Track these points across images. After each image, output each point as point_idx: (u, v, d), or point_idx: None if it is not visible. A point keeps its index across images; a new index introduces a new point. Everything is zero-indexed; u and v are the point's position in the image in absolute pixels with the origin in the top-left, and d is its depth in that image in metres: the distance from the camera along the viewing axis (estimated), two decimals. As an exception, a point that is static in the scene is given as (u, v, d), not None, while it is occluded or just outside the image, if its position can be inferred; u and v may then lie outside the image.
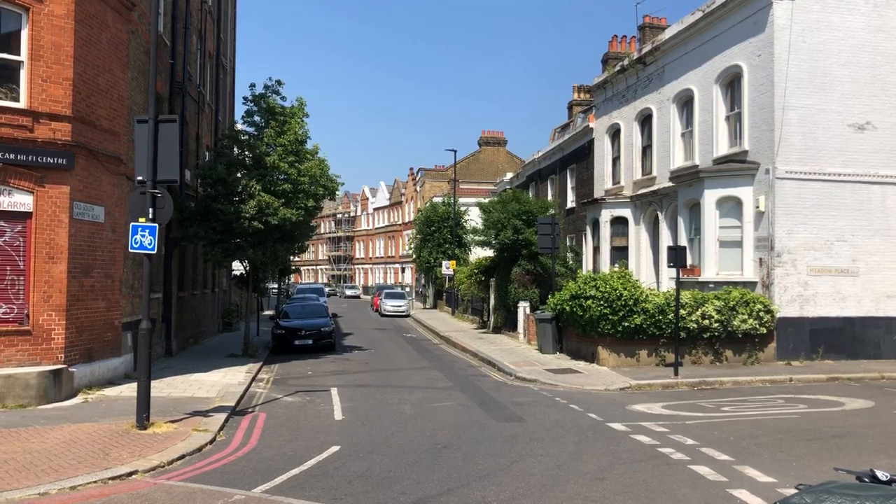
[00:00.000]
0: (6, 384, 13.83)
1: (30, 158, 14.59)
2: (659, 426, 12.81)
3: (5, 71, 14.70)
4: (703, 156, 23.55)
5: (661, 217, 26.23)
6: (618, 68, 29.55)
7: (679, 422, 13.24)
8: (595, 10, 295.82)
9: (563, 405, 15.09)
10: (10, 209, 14.54)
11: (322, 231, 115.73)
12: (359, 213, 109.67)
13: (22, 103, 14.68)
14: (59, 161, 14.95)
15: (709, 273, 21.76)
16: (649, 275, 27.03)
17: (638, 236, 27.98)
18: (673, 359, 18.85)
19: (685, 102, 25.11)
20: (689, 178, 22.99)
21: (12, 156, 14.39)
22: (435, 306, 52.46)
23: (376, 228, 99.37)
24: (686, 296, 19.79)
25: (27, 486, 8.79)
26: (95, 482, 9.16)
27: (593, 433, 12.41)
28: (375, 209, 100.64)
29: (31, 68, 14.72)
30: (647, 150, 27.83)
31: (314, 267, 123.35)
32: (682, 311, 19.29)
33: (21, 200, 14.65)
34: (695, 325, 19.73)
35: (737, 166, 21.54)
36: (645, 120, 27.89)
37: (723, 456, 10.62)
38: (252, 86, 24.48)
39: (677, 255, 18.46)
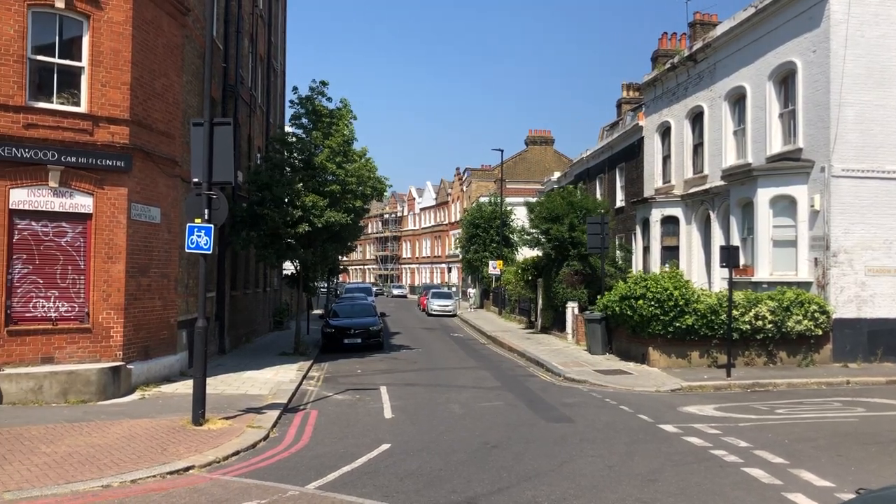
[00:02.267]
0: (68, 380, 14.27)
1: (90, 161, 15.04)
2: (711, 428, 12.64)
3: (67, 77, 15.17)
4: (755, 154, 23.14)
5: (712, 216, 25.84)
6: (668, 66, 29.20)
7: (732, 424, 13.05)
8: (644, 7, 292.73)
9: (613, 406, 14.99)
10: (71, 211, 15.00)
11: (369, 231, 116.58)
12: (405, 213, 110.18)
13: (83, 108, 15.14)
14: (118, 163, 15.37)
15: (762, 273, 21.37)
16: (701, 275, 26.65)
17: (689, 236, 27.61)
18: (725, 360, 18.58)
19: (737, 100, 24.70)
20: (742, 177, 22.61)
21: (73, 159, 14.85)
22: (481, 306, 52.47)
23: (423, 228, 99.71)
24: (739, 296, 19.48)
25: (91, 479, 9.08)
26: (154, 476, 9.42)
27: (644, 434, 12.31)
28: (422, 209, 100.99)
29: (91, 74, 15.17)
30: (698, 148, 27.45)
31: (361, 266, 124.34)
32: (734, 312, 19.00)
33: (82, 202, 15.10)
34: (748, 326, 19.40)
35: (791, 164, 21.11)
36: (696, 118, 27.50)
37: (777, 459, 10.44)
38: (295, 89, 24.84)
39: (730, 255, 18.19)
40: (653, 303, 19.54)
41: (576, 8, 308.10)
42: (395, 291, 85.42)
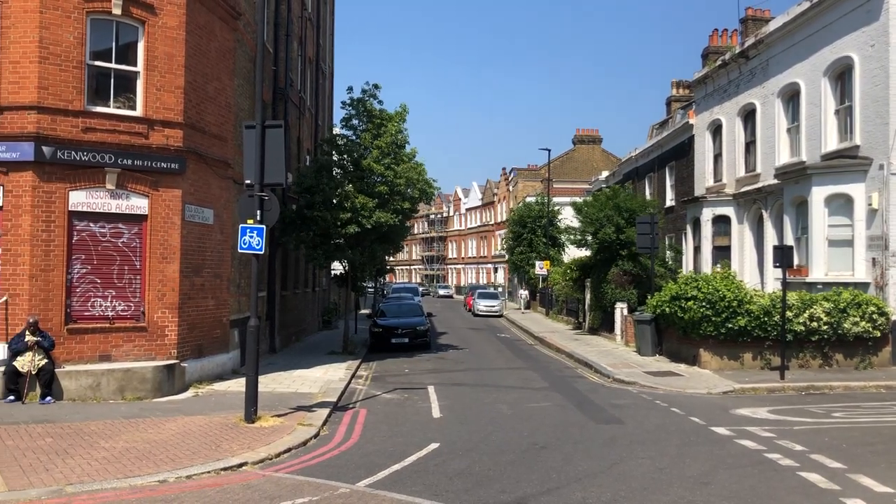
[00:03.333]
0: (125, 377, 14.64)
1: (145, 164, 15.41)
2: (765, 431, 12.41)
3: (123, 81, 15.56)
4: (810, 152, 22.63)
5: (765, 215, 25.35)
6: (719, 63, 28.73)
7: (786, 427, 12.79)
8: (695, 3, 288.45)
9: (664, 408, 14.81)
10: (127, 212, 15.39)
11: (415, 231, 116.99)
12: (451, 213, 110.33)
13: (138, 111, 15.52)
14: (172, 166, 15.71)
15: (817, 273, 20.89)
16: (753, 275, 26.15)
17: (741, 235, 27.13)
18: (779, 362, 18.21)
19: (791, 96, 24.19)
20: (796, 175, 22.14)
21: (129, 161, 15.24)
22: (528, 306, 52.24)
23: (468, 228, 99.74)
24: (793, 297, 19.07)
25: (148, 474, 9.31)
26: (209, 472, 9.62)
27: (696, 437, 12.15)
28: (468, 209, 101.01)
29: (146, 78, 15.54)
30: (750, 146, 26.95)
31: (408, 267, 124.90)
32: (788, 313, 18.61)
33: (137, 204, 15.48)
34: (802, 328, 18.97)
35: (847, 162, 20.59)
36: (748, 115, 27.01)
37: (835, 463, 10.19)
38: (349, 90, 25.07)
39: (783, 255, 17.83)
40: (704, 304, 19.25)
41: (623, 4, 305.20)
42: (441, 292, 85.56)
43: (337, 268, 29.98)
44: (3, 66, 14.50)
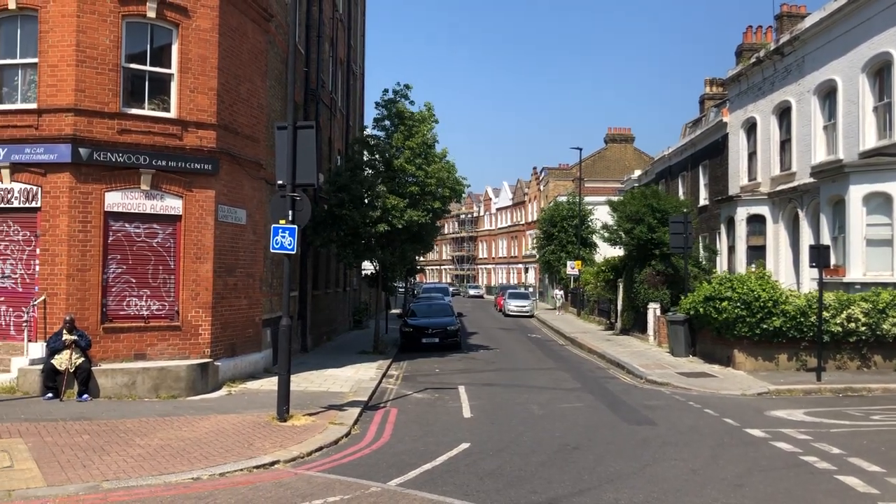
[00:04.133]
0: (159, 376, 14.83)
1: (179, 165, 15.60)
2: (801, 433, 12.20)
3: (157, 83, 15.77)
4: (847, 149, 22.22)
5: (801, 214, 24.95)
6: (753, 60, 28.34)
7: (823, 429, 12.57)
8: (728, 0, 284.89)
9: (697, 410, 14.65)
10: (161, 212, 15.59)
11: (445, 231, 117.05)
12: (482, 213, 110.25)
13: (172, 113, 15.71)
14: (205, 167, 15.89)
15: (855, 273, 20.51)
16: (789, 275, 25.76)
17: (776, 235, 26.73)
18: (815, 363, 17.91)
19: (827, 93, 23.78)
20: (833, 174, 21.76)
21: (163, 163, 15.43)
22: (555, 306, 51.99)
23: (499, 228, 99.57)
24: (829, 297, 18.75)
25: (181, 471, 9.41)
26: (241, 470, 9.70)
27: (730, 439, 11.99)
28: (498, 209, 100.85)
29: (180, 80, 15.73)
30: (785, 144, 26.55)
31: (438, 267, 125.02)
32: (825, 314, 18.31)
33: (172, 204, 15.67)
34: (839, 329, 18.64)
35: (886, 160, 20.18)
36: (783, 113, 26.61)
37: (873, 467, 9.98)
38: (385, 91, 25.16)
39: (820, 255, 17.54)
40: (738, 304, 19.01)
41: (656, 2, 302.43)
42: (472, 292, 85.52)
43: (368, 268, 30.14)
44: (41, 70, 14.79)
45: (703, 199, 34.74)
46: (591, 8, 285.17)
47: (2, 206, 15.01)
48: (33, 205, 14.86)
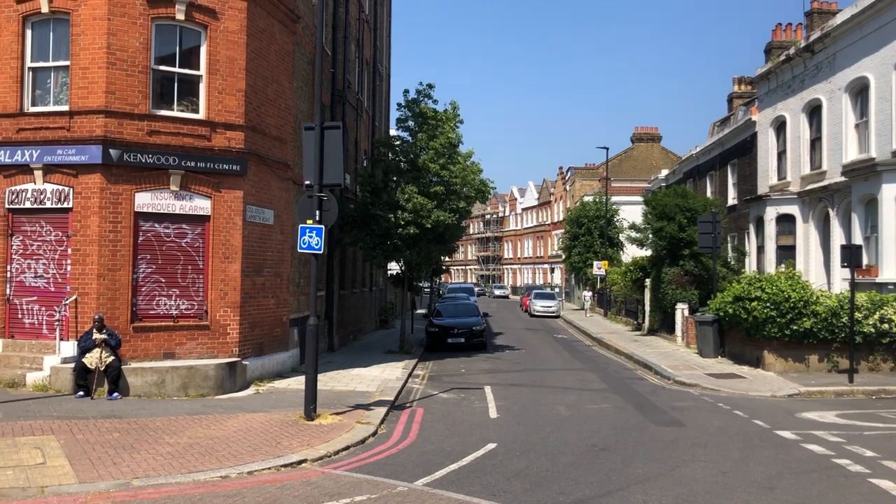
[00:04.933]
0: (188, 374, 14.96)
1: (208, 166, 15.73)
2: (833, 435, 12.03)
3: (186, 85, 15.91)
4: (880, 148, 21.86)
5: (832, 214, 24.59)
6: (783, 58, 27.99)
7: (856, 432, 12.38)
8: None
9: (727, 411, 14.50)
10: (190, 213, 15.74)
11: (471, 232, 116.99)
12: (507, 213, 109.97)
13: (201, 114, 15.85)
14: (234, 167, 16.01)
15: (888, 274, 20.18)
16: (819, 276, 25.41)
17: (806, 235, 26.38)
18: (847, 365, 17.66)
19: (859, 91, 23.42)
20: (865, 172, 21.42)
21: (192, 163, 15.57)
22: (584, 307, 51.63)
23: (524, 228, 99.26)
24: (862, 298, 18.47)
25: (210, 469, 9.49)
26: (269, 468, 9.76)
27: (760, 440, 11.85)
28: (524, 209, 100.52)
29: (208, 81, 15.87)
30: (815, 143, 26.19)
31: (463, 267, 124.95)
32: (857, 315, 18.04)
33: (200, 205, 15.81)
34: (872, 330, 18.35)
35: (920, 158, 19.84)
36: (813, 111, 26.25)
37: (908, 471, 9.83)
38: (406, 92, 25.18)
39: (851, 255, 17.29)
40: (768, 304, 18.79)
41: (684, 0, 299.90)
42: (497, 292, 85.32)
43: (393, 268, 30.15)
44: (73, 72, 15.00)
45: (732, 199, 34.38)
46: (614, 6, 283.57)
47: (35, 206, 15.25)
48: (65, 205, 15.07)
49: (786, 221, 27.12)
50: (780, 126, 28.73)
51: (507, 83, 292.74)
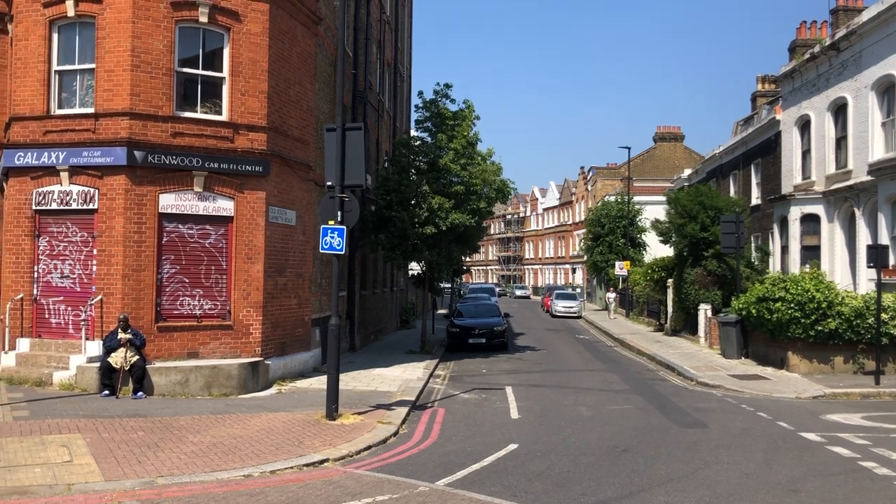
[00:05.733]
0: (212, 374, 15.09)
1: (231, 167, 15.85)
2: (859, 438, 11.89)
3: (209, 87, 16.05)
4: (907, 146, 21.57)
5: (857, 213, 24.29)
6: (807, 56, 27.69)
7: (882, 434, 12.23)
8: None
9: (750, 412, 14.38)
10: (214, 214, 15.87)
11: (492, 232, 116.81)
12: (528, 213, 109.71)
13: (224, 116, 15.98)
14: (256, 169, 16.12)
15: (915, 274, 19.90)
16: (845, 276, 25.10)
17: (831, 234, 26.09)
18: (873, 366, 17.45)
19: (886, 89, 23.11)
20: (892, 171, 21.15)
21: (216, 165, 15.70)
22: (607, 308, 51.38)
23: (546, 229, 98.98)
24: (889, 298, 18.23)
25: (233, 468, 9.57)
26: (291, 468, 9.82)
27: (784, 442, 11.74)
28: (545, 209, 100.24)
29: (231, 83, 15.99)
30: (841, 141, 25.88)
31: (484, 267, 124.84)
32: (883, 315, 17.81)
33: (223, 205, 15.94)
34: (899, 331, 18.12)
35: (948, 157, 19.55)
36: (839, 110, 25.94)
37: (936, 474, 9.69)
38: (420, 93, 25.19)
39: (878, 255, 17.10)
40: (792, 305, 18.61)
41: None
42: (518, 292, 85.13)
43: (414, 268, 30.21)
44: (98, 75, 15.18)
45: (756, 199, 34.07)
46: (636, 5, 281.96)
47: (61, 207, 15.45)
48: (91, 206, 15.25)
49: (810, 221, 26.83)
50: (804, 125, 28.43)
51: (527, 82, 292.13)
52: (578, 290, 62.79)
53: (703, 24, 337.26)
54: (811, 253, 26.64)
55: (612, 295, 46.71)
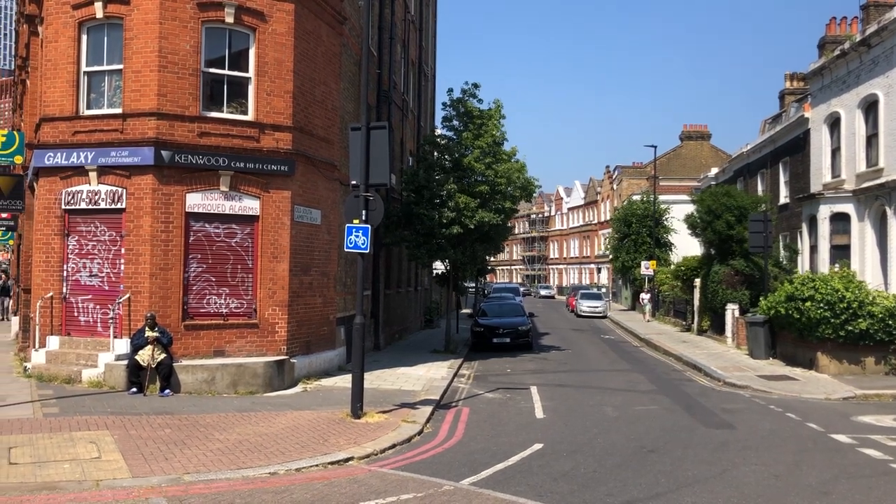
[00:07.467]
0: (238, 372, 15.18)
1: (256, 167, 15.94)
2: (891, 440, 11.70)
3: (235, 87, 16.14)
4: (940, 144, 21.17)
5: (889, 212, 23.90)
6: (837, 52, 27.28)
7: (915, 437, 12.01)
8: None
9: (779, 413, 14.19)
10: (240, 213, 15.96)
11: (516, 231, 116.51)
12: (553, 213, 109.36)
13: (249, 116, 16.06)
14: (282, 168, 16.19)
15: (948, 274, 19.53)
16: (875, 276, 24.70)
17: (862, 233, 25.67)
18: (905, 368, 17.15)
19: (918, 85, 22.71)
20: (924, 169, 20.77)
21: (242, 164, 15.79)
22: (633, 308, 51.08)
23: (570, 228, 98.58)
24: (921, 299, 17.91)
25: (259, 466, 9.62)
26: (317, 466, 9.85)
27: (813, 444, 11.57)
28: (570, 209, 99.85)
29: (257, 83, 16.07)
30: (872, 139, 25.47)
31: (509, 267, 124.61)
32: (916, 316, 17.50)
33: (249, 205, 16.03)
34: (932, 332, 17.79)
35: (983, 154, 19.16)
36: (869, 107, 25.53)
37: (971, 477, 9.49)
38: (450, 91, 25.19)
39: (910, 254, 16.77)
40: (822, 304, 18.34)
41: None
42: (543, 292, 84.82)
43: (439, 267, 30.18)
44: (126, 76, 15.33)
45: (784, 197, 33.65)
46: (661, 3, 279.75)
47: (90, 207, 15.63)
48: (119, 206, 15.41)
49: (840, 220, 26.44)
50: (834, 123, 28.02)
51: (552, 81, 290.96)
52: (603, 290, 62.42)
53: (731, 22, 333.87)
54: (841, 252, 26.24)
55: (646, 296, 43.31)
